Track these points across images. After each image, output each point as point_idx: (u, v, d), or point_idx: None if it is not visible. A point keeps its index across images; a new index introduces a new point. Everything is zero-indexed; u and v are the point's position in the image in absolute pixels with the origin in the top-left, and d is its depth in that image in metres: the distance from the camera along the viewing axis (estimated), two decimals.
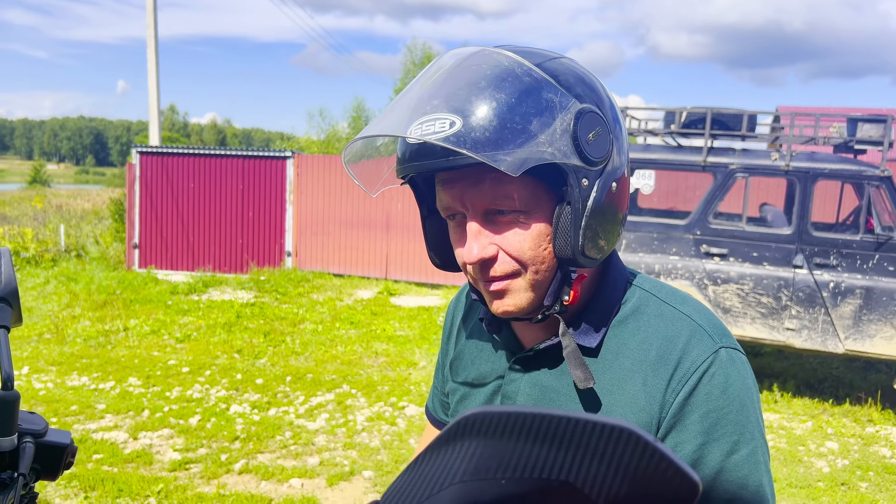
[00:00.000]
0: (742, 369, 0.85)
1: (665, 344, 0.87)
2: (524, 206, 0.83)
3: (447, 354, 1.16)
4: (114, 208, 13.90)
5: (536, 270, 0.86)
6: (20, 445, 0.79)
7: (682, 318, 0.88)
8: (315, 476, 4.22)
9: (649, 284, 0.94)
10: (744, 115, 5.88)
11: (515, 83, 0.79)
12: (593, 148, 0.81)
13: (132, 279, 10.68)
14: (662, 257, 5.84)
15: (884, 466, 4.66)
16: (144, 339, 7.41)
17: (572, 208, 0.82)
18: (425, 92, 0.81)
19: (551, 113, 0.79)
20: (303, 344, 7.32)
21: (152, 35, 15.36)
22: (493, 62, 0.81)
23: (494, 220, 0.85)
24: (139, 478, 4.09)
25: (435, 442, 0.47)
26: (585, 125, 0.81)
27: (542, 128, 0.78)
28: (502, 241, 0.85)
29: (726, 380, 0.83)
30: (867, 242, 5.47)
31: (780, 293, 5.58)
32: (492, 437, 0.44)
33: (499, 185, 0.82)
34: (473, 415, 0.45)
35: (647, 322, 0.90)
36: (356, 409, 5.41)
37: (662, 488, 0.42)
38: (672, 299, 0.91)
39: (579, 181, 0.81)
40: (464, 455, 0.45)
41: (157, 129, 15.56)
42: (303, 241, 11.66)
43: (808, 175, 5.58)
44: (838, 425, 5.43)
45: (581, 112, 0.81)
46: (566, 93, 0.81)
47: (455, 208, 0.86)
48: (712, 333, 0.86)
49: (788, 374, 6.66)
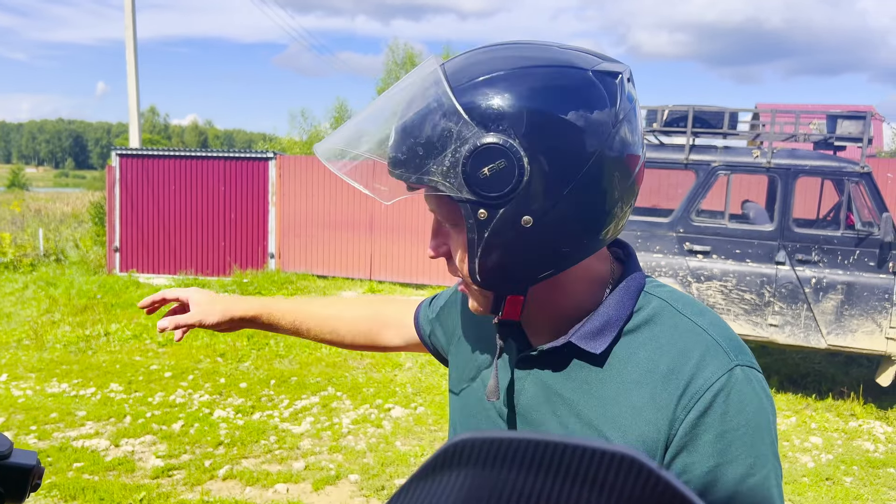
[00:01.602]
0: (759, 389, 0.82)
1: (678, 357, 0.83)
2: (451, 221, 0.84)
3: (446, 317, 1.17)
4: (94, 211, 13.74)
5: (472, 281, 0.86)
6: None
7: (698, 332, 0.84)
8: (300, 480, 4.18)
9: (666, 293, 0.90)
10: (725, 112, 5.91)
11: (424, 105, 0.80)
12: (488, 182, 0.77)
13: (113, 283, 10.56)
14: (646, 255, 5.85)
15: (867, 461, 4.69)
16: (126, 343, 7.33)
17: (467, 238, 0.82)
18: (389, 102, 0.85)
19: (444, 143, 0.78)
20: (287, 347, 7.26)
21: (131, 36, 15.20)
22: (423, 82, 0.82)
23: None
24: (121, 486, 4.03)
25: (419, 472, 0.44)
26: (481, 159, 0.77)
27: (434, 158, 0.78)
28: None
29: (742, 400, 0.79)
30: (848, 238, 5.51)
31: (763, 289, 5.62)
32: (483, 467, 0.41)
33: (430, 197, 0.85)
34: (462, 441, 0.42)
35: (661, 332, 0.86)
36: (341, 412, 5.37)
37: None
38: (689, 310, 0.87)
39: (474, 213, 0.79)
40: (451, 487, 0.42)
41: (138, 131, 15.41)
42: (286, 243, 11.59)
43: (790, 172, 5.61)
44: (822, 420, 5.47)
45: (480, 145, 0.76)
46: (469, 122, 0.77)
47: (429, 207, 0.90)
48: (728, 350, 0.82)
49: (772, 369, 6.71)
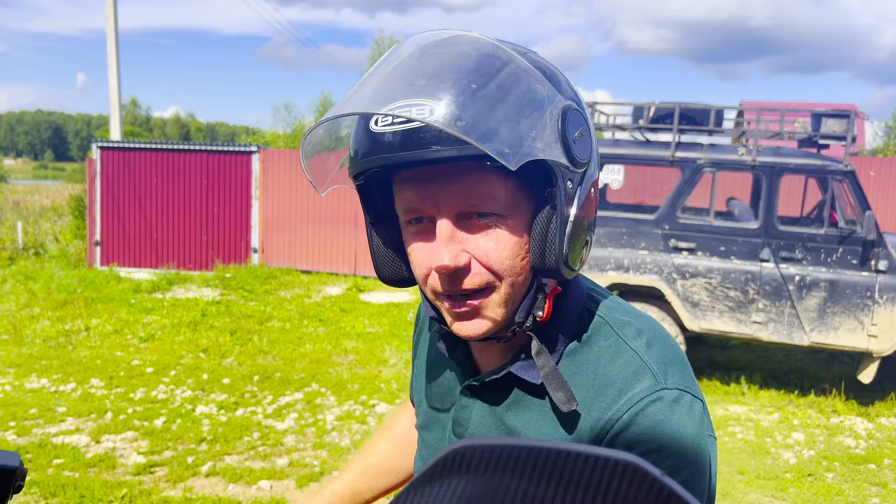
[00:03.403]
0: (684, 413, 0.76)
1: (608, 378, 0.80)
2: (505, 207, 0.75)
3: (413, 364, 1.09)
4: (74, 205, 13.56)
5: (512, 283, 0.77)
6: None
7: (631, 355, 0.80)
8: (284, 477, 4.15)
9: (606, 310, 0.85)
10: (711, 110, 5.93)
11: (503, 71, 0.71)
12: (579, 148, 0.74)
13: (93, 277, 10.43)
14: (631, 252, 5.86)
15: (849, 457, 4.74)
16: (107, 338, 7.23)
17: (558, 213, 0.74)
18: (400, 73, 0.71)
19: (541, 107, 0.72)
20: (270, 342, 7.21)
21: (112, 27, 15.00)
22: (476, 46, 0.73)
23: (469, 224, 0.76)
24: (102, 483, 3.97)
25: (417, 480, 0.42)
26: (572, 123, 0.73)
27: (532, 122, 0.70)
28: (476, 249, 0.76)
29: (661, 421, 0.75)
30: (831, 236, 5.55)
31: (748, 287, 5.65)
32: (482, 474, 0.40)
33: (480, 183, 0.73)
34: (461, 448, 0.40)
35: (597, 354, 0.82)
36: (326, 409, 5.33)
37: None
38: (626, 331, 0.83)
39: (565, 183, 0.74)
40: (451, 494, 0.40)
41: (119, 124, 15.22)
42: (269, 238, 11.51)
43: (774, 170, 5.64)
44: (804, 416, 5.52)
45: (567, 108, 0.73)
46: (551, 86, 0.74)
47: (423, 210, 0.77)
48: (658, 373, 0.78)
49: (755, 366, 6.76)
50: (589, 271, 5.87)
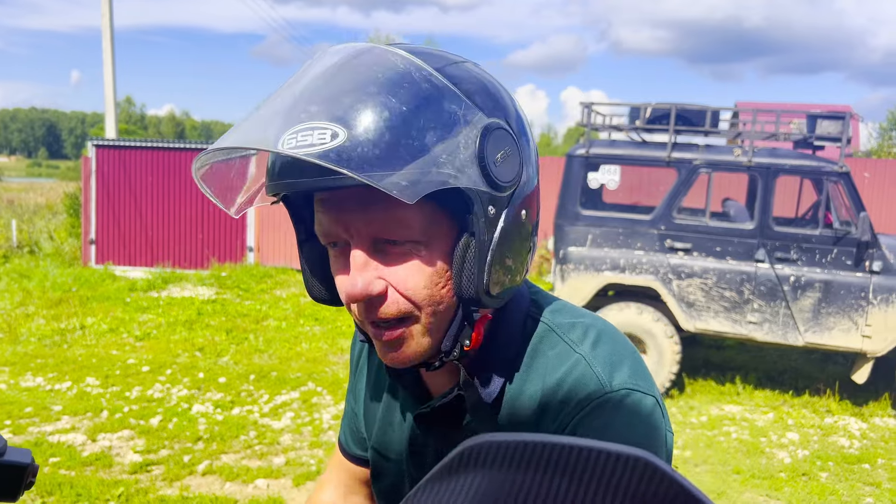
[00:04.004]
0: (631, 414, 0.74)
1: (555, 387, 0.78)
2: (422, 234, 0.71)
3: (355, 390, 1.05)
4: (69, 203, 13.51)
5: (433, 312, 0.74)
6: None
7: (577, 359, 0.78)
8: (281, 476, 4.15)
9: (550, 315, 0.83)
10: (707, 111, 5.95)
11: (412, 89, 0.67)
12: (502, 170, 0.69)
13: (89, 276, 10.41)
14: (627, 252, 5.88)
15: (842, 456, 4.77)
16: (102, 337, 7.22)
17: (476, 240, 0.70)
18: (301, 95, 0.67)
19: (453, 128, 0.67)
20: (266, 341, 7.21)
21: (108, 24, 14.97)
22: (385, 63, 0.68)
23: (384, 251, 0.72)
24: (98, 481, 3.97)
25: (434, 474, 0.43)
26: (493, 143, 0.69)
27: (442, 145, 0.66)
28: (392, 276, 0.72)
29: (606, 425, 0.74)
30: (826, 237, 5.58)
31: (743, 287, 5.67)
32: (496, 469, 0.41)
33: (392, 210, 0.69)
34: (476, 445, 0.41)
35: (544, 364, 0.80)
36: (322, 408, 5.34)
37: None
38: (572, 335, 0.81)
39: (485, 209, 0.70)
40: (468, 488, 0.41)
41: (114, 122, 15.19)
42: (265, 236, 11.50)
43: (770, 171, 5.67)
44: (798, 416, 5.55)
45: (488, 128, 0.69)
46: (470, 104, 0.69)
47: (337, 235, 0.73)
48: (602, 375, 0.76)
49: (750, 366, 6.79)
50: (585, 271, 5.89)
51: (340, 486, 1.10)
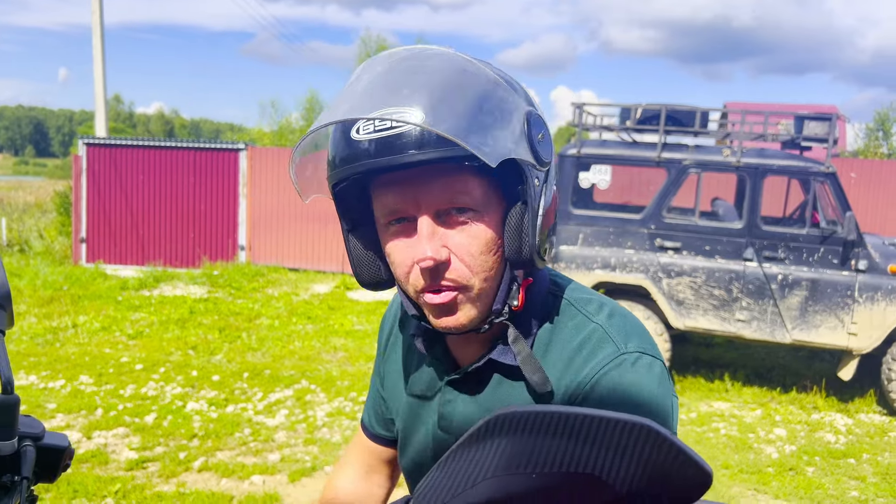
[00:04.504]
0: (644, 372, 0.84)
1: (576, 352, 0.87)
2: (480, 204, 0.82)
3: (381, 371, 1.13)
4: (59, 201, 13.47)
5: (486, 277, 0.83)
6: (21, 449, 0.78)
7: (594, 327, 0.88)
8: (276, 472, 4.19)
9: (569, 291, 0.94)
10: (696, 111, 6.03)
11: (477, 81, 0.79)
12: (543, 149, 0.82)
13: (80, 274, 10.39)
14: (618, 251, 5.95)
15: (829, 452, 4.85)
16: (94, 335, 7.23)
17: (529, 207, 0.82)
18: (384, 84, 0.77)
19: (510, 112, 0.80)
20: (259, 339, 7.23)
21: (98, 22, 14.91)
22: (449, 60, 0.80)
23: (447, 221, 0.82)
24: (95, 478, 3.99)
25: (465, 440, 0.48)
26: (535, 126, 0.81)
27: (505, 126, 0.78)
28: (454, 244, 0.82)
29: (622, 381, 0.83)
30: (813, 236, 5.67)
31: (732, 285, 5.76)
32: (521, 435, 0.46)
33: (457, 181, 0.80)
34: (503, 415, 0.47)
35: (565, 333, 0.90)
36: (316, 405, 5.38)
37: (678, 478, 0.45)
38: (588, 307, 0.91)
39: (533, 181, 0.82)
40: (494, 452, 0.47)
41: (105, 120, 15.13)
42: (257, 235, 11.51)
43: (758, 171, 5.75)
44: (786, 412, 5.64)
45: (530, 113, 0.82)
46: (516, 94, 0.82)
47: (404, 210, 0.82)
48: (617, 339, 0.86)
49: (739, 363, 6.88)
50: (576, 270, 5.95)
51: (362, 466, 1.19)
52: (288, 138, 24.57)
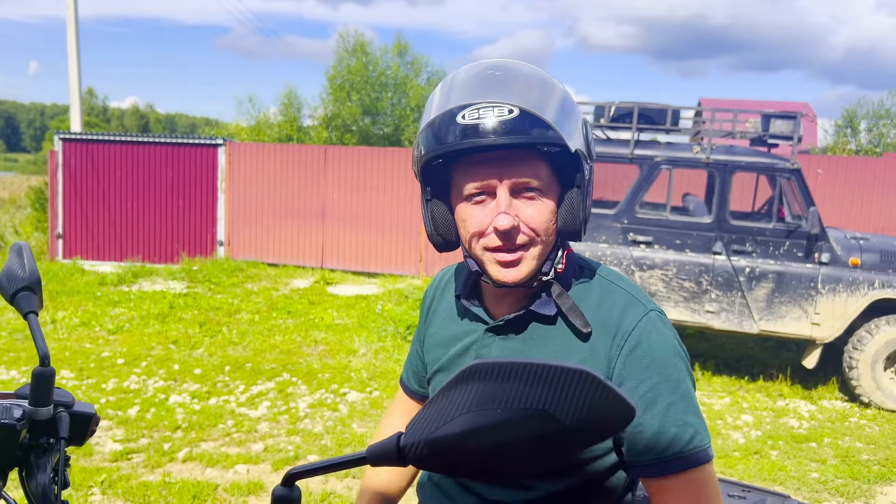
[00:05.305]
0: (667, 325, 1.09)
1: (608, 311, 1.09)
2: (544, 186, 1.04)
3: (423, 336, 1.33)
4: (34, 197, 13.37)
5: (544, 241, 1.05)
6: (56, 415, 0.89)
7: (620, 291, 1.12)
8: (260, 462, 4.29)
9: (593, 264, 1.17)
10: (668, 109, 6.21)
11: (556, 87, 1.04)
12: (593, 147, 1.10)
13: (57, 270, 10.35)
14: (592, 245, 6.12)
15: (792, 436, 5.07)
16: (74, 331, 7.25)
17: (582, 191, 1.06)
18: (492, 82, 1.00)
19: (577, 115, 1.06)
20: (240, 334, 7.30)
21: (73, 15, 14.79)
22: (535, 69, 1.05)
23: (519, 196, 1.03)
24: (80, 469, 4.07)
25: (447, 385, 0.62)
26: (589, 129, 1.09)
27: (574, 125, 1.03)
28: (524, 216, 1.04)
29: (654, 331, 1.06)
30: (779, 230, 5.88)
31: (701, 278, 5.95)
32: (490, 380, 0.59)
33: (532, 164, 1.02)
34: (477, 364, 0.60)
35: (595, 295, 1.12)
36: (298, 397, 5.48)
37: (609, 412, 0.58)
38: (612, 277, 1.16)
39: (585, 171, 1.05)
40: (469, 393, 0.60)
41: (80, 114, 15.02)
42: (235, 231, 11.54)
43: (727, 167, 5.95)
44: (753, 400, 5.85)
45: (585, 119, 1.09)
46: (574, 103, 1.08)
47: (489, 184, 1.02)
48: (642, 300, 1.11)
49: (709, 354, 7.09)
50: None
51: (405, 414, 1.44)
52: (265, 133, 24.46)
